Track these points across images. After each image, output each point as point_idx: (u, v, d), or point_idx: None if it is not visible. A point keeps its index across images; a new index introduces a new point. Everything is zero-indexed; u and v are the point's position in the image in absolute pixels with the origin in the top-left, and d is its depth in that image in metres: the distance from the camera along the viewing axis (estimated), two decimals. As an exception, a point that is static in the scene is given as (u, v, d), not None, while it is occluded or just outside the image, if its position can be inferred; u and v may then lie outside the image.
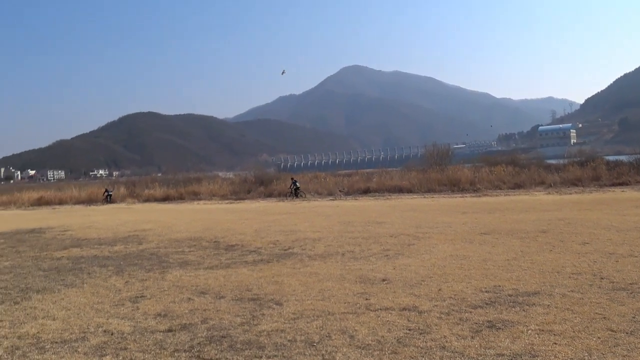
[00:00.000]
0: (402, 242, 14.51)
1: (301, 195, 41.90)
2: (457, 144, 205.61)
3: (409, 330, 6.67)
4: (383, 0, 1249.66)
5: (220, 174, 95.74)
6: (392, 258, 12.04)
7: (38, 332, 7.51)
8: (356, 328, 6.84)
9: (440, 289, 8.76)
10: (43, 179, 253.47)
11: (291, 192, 42.67)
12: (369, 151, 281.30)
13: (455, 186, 39.10)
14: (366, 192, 40.84)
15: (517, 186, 38.01)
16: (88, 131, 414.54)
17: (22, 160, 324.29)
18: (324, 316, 7.47)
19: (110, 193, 51.15)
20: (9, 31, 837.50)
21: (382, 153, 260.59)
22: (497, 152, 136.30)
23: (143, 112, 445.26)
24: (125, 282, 10.89)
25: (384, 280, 9.75)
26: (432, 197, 34.54)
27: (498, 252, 12.15)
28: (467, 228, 16.95)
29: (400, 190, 40.02)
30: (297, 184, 43.05)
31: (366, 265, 11.37)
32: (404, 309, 7.65)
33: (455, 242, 13.95)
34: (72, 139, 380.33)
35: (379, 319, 7.21)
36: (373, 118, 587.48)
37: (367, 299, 8.31)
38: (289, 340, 6.52)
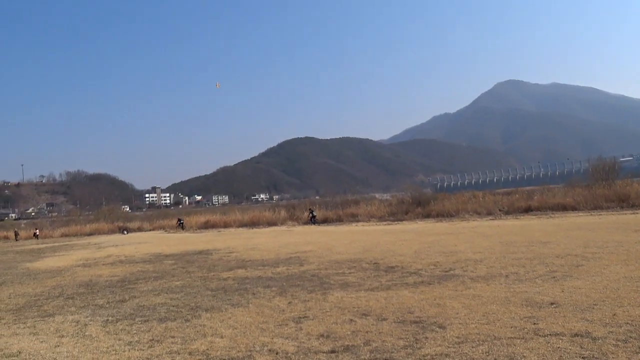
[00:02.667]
0: (570, 263, 13.79)
1: (317, 223, 47.94)
2: (623, 157, 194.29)
3: (583, 358, 6.27)
4: (534, 11, 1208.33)
5: (377, 195, 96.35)
6: (559, 280, 11.46)
7: (207, 349, 7.81)
8: (525, 354, 6.53)
9: (614, 314, 8.20)
10: (208, 204, 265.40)
11: (309, 220, 49.15)
12: (527, 168, 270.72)
13: (624, 202, 36.87)
14: (527, 210, 39.44)
15: (696, 199, 35.30)
16: (249, 157, 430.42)
17: (189, 187, 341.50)
18: (490, 341, 7.20)
19: (182, 222, 57.58)
20: (178, 69, 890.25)
21: (542, 169, 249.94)
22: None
23: (300, 137, 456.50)
24: (289, 302, 11.10)
25: (552, 303, 9.28)
26: (600, 215, 32.74)
27: (679, 273, 11.25)
28: (641, 247, 15.87)
29: (564, 207, 38.31)
30: (314, 213, 50.06)
31: (532, 287, 10.89)
32: (576, 334, 7.22)
33: (629, 263, 13.06)
34: (234, 165, 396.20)
35: (549, 345, 6.85)
36: (531, 133, 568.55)
37: (535, 324, 7.93)
38: (454, 365, 6.34)
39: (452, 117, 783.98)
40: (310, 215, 49.70)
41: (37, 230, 62.95)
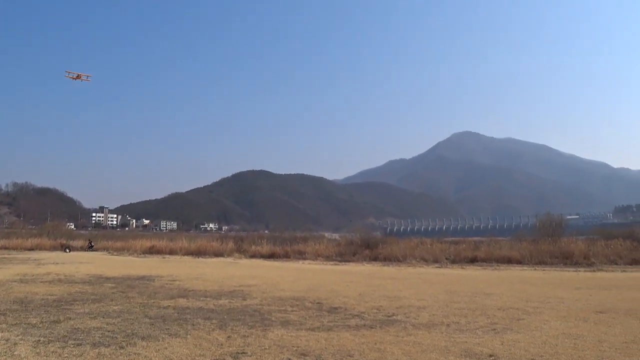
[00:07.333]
0: (511, 316, 13.91)
1: (94, 250, 58.66)
2: (570, 215, 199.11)
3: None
4: (493, 67, 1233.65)
5: (326, 234, 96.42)
6: (500, 332, 11.54)
7: (139, 380, 7.62)
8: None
9: (551, 369, 8.25)
10: (156, 229, 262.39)
11: (88, 247, 59.65)
12: (477, 219, 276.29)
13: (567, 259, 37.54)
14: (473, 261, 39.80)
15: (635, 262, 36.07)
16: (202, 186, 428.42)
17: (138, 210, 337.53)
18: (427, 388, 7.17)
19: (92, 245, 61.29)
20: (137, 90, 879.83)
21: (491, 221, 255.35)
22: (613, 224, 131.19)
23: (255, 170, 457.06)
24: (228, 336, 10.94)
25: (491, 356, 9.31)
26: (543, 270, 33.26)
27: (615, 333, 11.43)
28: (581, 305, 16.12)
29: (509, 260, 38.77)
30: (92, 243, 61.45)
31: (472, 338, 10.93)
32: (512, 387, 7.23)
33: (568, 320, 13.25)
34: (186, 192, 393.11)
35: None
36: (484, 185, 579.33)
37: (472, 374, 7.93)
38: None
39: (408, 162, 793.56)
40: (89, 244, 61.07)
41: None
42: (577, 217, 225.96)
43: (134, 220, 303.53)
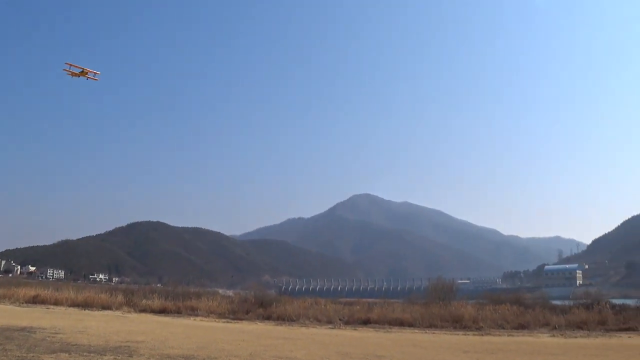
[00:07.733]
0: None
1: None
2: (461, 279, 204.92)
3: None
4: (392, 131, 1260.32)
5: (220, 290, 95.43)
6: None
7: None
8: None
9: None
10: (42, 277, 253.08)
11: None
12: (372, 281, 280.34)
13: (457, 323, 38.32)
14: (366, 322, 40.00)
15: (521, 326, 37.26)
16: (94, 234, 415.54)
17: (23, 255, 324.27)
18: None
19: None
20: (28, 126, 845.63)
21: (386, 283, 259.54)
22: (502, 290, 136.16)
23: (152, 221, 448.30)
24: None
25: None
26: (434, 333, 33.87)
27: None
28: (469, 370, 16.43)
29: (401, 323, 39.20)
30: None
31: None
32: None
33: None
34: (77, 239, 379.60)
35: None
36: (380, 247, 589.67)
37: None
38: None
39: (306, 222, 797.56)
40: None
41: None
42: (468, 281, 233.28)
43: (19, 267, 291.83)
